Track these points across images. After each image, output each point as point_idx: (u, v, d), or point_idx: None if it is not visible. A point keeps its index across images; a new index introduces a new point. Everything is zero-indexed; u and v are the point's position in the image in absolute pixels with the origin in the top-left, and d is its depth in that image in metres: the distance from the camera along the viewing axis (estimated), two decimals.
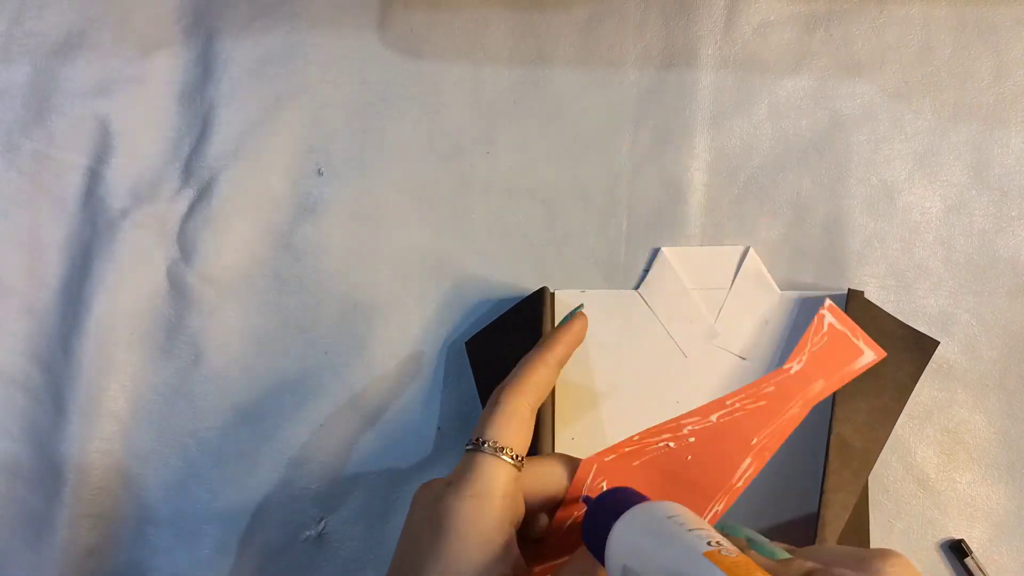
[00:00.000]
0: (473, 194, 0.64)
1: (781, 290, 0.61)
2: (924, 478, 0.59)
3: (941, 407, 0.59)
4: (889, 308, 0.60)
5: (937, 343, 0.58)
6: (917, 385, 0.59)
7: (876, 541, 0.59)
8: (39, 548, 0.63)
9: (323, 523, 0.62)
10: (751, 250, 0.62)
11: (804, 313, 0.60)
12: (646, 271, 0.62)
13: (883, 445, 0.55)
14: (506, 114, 0.64)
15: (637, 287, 0.62)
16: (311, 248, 0.64)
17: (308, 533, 0.62)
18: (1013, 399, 0.59)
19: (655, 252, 0.63)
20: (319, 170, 0.65)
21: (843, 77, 0.63)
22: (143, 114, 0.67)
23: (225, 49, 0.67)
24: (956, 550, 0.58)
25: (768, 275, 0.61)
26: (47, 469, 0.64)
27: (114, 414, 0.64)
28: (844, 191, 0.62)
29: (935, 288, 0.60)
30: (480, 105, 0.65)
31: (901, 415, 0.57)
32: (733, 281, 0.62)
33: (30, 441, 0.64)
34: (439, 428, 0.62)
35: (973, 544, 0.58)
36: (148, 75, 0.67)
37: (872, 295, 0.60)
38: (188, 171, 0.66)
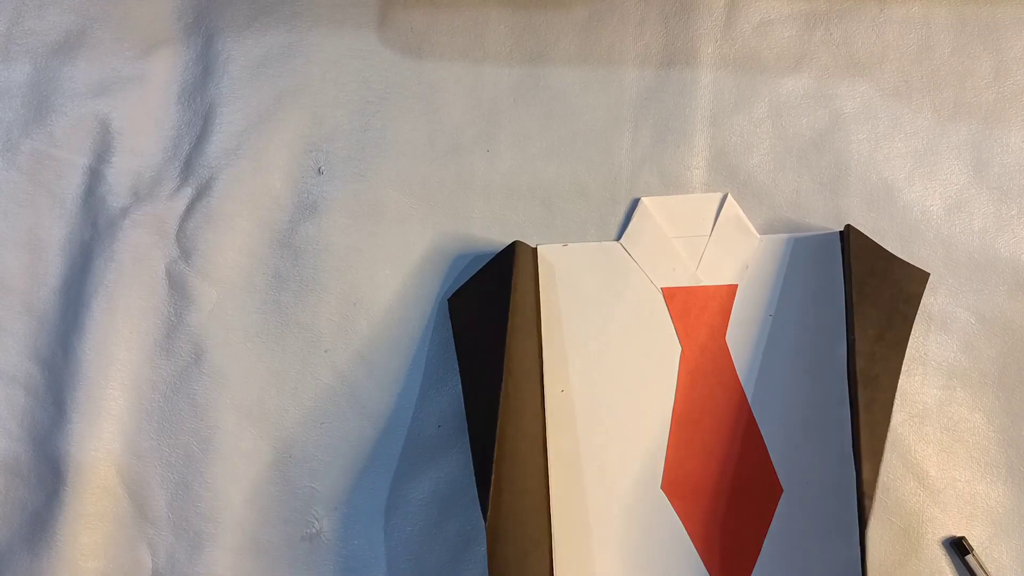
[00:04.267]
0: (473, 192, 0.64)
1: (760, 234, 0.62)
2: (924, 476, 0.59)
3: (940, 405, 0.59)
4: None
5: (928, 274, 0.58)
6: (917, 383, 0.59)
7: (876, 538, 0.59)
8: (38, 547, 0.63)
9: (323, 522, 0.62)
10: (729, 196, 0.62)
11: (784, 255, 0.61)
12: (627, 222, 0.63)
13: (899, 374, 0.56)
14: (506, 113, 0.64)
15: (618, 238, 0.63)
16: (311, 247, 0.64)
17: (308, 531, 0.62)
18: (1012, 397, 0.59)
19: (635, 202, 0.63)
20: (319, 169, 0.65)
21: (843, 76, 0.63)
22: (143, 113, 0.67)
23: (225, 48, 0.67)
24: (957, 547, 0.58)
25: (747, 220, 0.62)
26: (47, 468, 0.64)
27: (114, 413, 0.63)
28: (844, 189, 0.62)
29: (935, 286, 0.60)
30: (480, 104, 0.65)
31: (901, 411, 0.58)
32: (713, 228, 0.62)
33: (30, 440, 0.64)
34: (439, 426, 0.62)
35: (973, 542, 0.58)
36: (148, 74, 0.67)
37: None
38: (188, 170, 0.66)
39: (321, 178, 0.65)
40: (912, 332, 0.59)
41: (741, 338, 0.61)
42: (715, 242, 0.62)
